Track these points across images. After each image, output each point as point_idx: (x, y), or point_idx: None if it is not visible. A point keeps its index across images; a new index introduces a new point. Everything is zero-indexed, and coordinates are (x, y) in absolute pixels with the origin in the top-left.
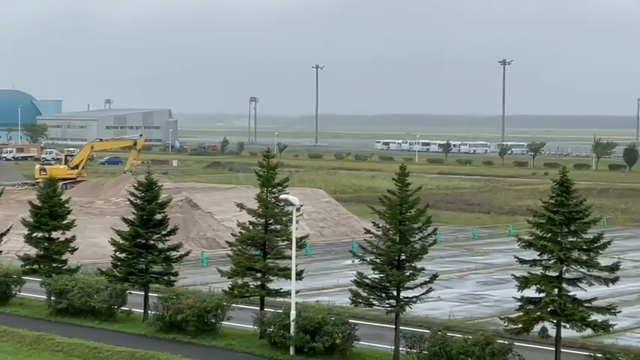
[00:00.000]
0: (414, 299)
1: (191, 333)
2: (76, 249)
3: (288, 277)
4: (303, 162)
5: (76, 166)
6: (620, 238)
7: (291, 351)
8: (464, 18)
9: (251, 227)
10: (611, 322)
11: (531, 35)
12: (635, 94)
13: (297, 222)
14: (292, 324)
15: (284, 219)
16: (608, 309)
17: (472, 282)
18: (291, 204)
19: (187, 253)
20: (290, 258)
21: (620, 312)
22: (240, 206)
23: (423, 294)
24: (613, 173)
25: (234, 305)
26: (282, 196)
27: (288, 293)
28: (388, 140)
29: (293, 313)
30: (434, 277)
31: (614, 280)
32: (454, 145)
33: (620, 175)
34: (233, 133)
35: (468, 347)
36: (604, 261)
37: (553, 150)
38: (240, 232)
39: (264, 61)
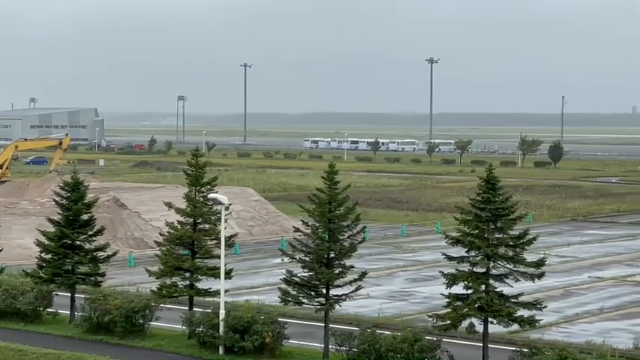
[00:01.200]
0: (344, 297)
1: (119, 334)
2: (0, 250)
3: (217, 276)
4: (232, 161)
5: (0, 166)
6: (545, 234)
7: (221, 350)
8: (394, 17)
9: (179, 227)
10: (537, 317)
11: (461, 34)
12: (560, 92)
13: (225, 221)
14: (221, 323)
15: (213, 218)
16: (534, 304)
17: (401, 279)
18: (220, 203)
19: (114, 254)
20: (219, 257)
21: (545, 307)
22: (169, 205)
23: (352, 292)
24: (538, 170)
25: (162, 305)
26: (211, 195)
27: (217, 293)
28: (317, 138)
29: (222, 313)
30: (363, 274)
31: (540, 276)
32: (382, 143)
33: (546, 172)
34: (161, 132)
35: (396, 344)
36: (530, 257)
37: (480, 148)
38: (168, 232)
39: (193, 60)
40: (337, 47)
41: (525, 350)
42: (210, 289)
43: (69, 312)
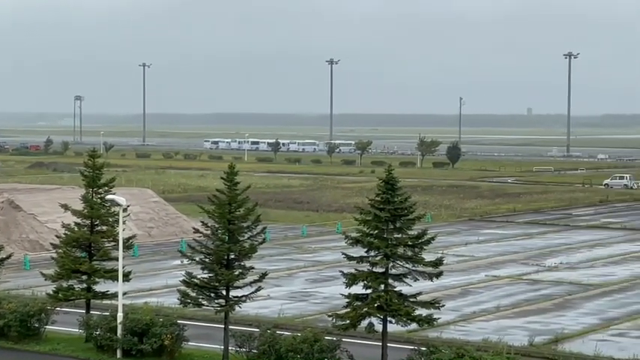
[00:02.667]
0: (244, 298)
1: (14, 338)
2: None
3: (115, 278)
4: (131, 161)
5: None
6: (443, 234)
7: (119, 354)
8: (299, 17)
9: (76, 229)
10: (435, 316)
11: (362, 36)
12: (459, 93)
13: (124, 222)
14: (119, 326)
15: (110, 220)
16: (433, 303)
17: (301, 280)
18: (118, 204)
19: (9, 257)
20: (117, 259)
21: (443, 306)
22: (65, 207)
23: (253, 293)
24: (437, 171)
25: (59, 309)
26: (109, 197)
27: (115, 295)
28: (217, 139)
29: (120, 316)
30: (263, 275)
31: (438, 275)
32: (283, 144)
33: (444, 173)
34: (57, 133)
35: (296, 345)
36: (428, 256)
37: (380, 148)
38: (64, 234)
39: (91, 59)
40: (242, 48)
41: (424, 349)
42: (107, 291)
43: None
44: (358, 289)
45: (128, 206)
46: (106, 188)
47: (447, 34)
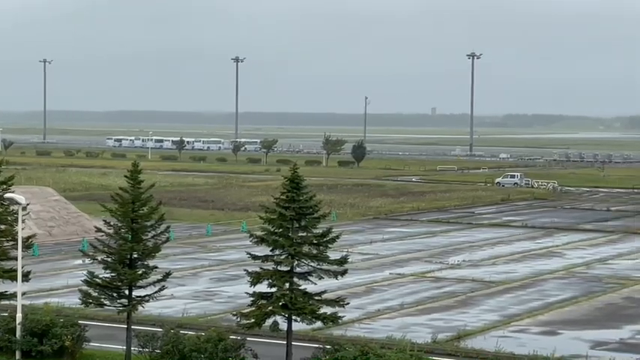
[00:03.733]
0: (147, 298)
1: None
2: None
3: (14, 278)
4: (31, 159)
5: None
6: (348, 232)
7: (18, 355)
8: (207, 16)
9: None
10: (339, 314)
11: (269, 35)
12: (365, 93)
13: (23, 221)
14: (18, 327)
15: (9, 218)
16: (337, 301)
17: (206, 279)
18: (17, 203)
19: None
20: (16, 259)
21: (348, 304)
22: None
23: (156, 292)
24: (342, 169)
25: None
26: (7, 195)
27: (14, 296)
28: (121, 137)
29: (19, 316)
30: (167, 275)
31: (343, 273)
32: (188, 142)
33: (349, 172)
34: None
35: (200, 344)
36: (333, 255)
37: (285, 147)
38: None
39: None
40: (150, 45)
41: (328, 347)
42: (6, 292)
43: None
44: (263, 287)
45: (28, 205)
46: (5, 186)
47: (353, 34)
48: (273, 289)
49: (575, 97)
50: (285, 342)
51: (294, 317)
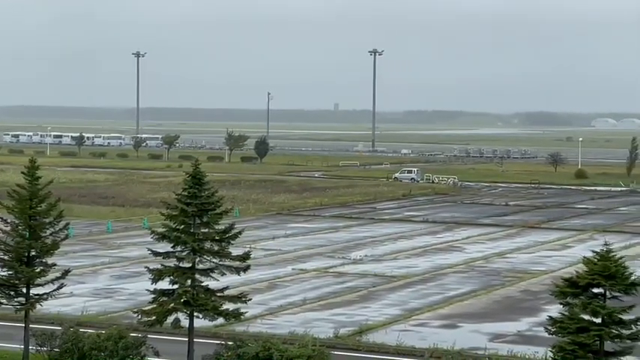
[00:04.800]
0: (45, 296)
1: None
2: None
3: None
4: None
5: None
6: (251, 228)
7: None
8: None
9: None
10: (242, 310)
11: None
12: (267, 89)
13: None
14: None
15: None
16: (240, 297)
17: (106, 276)
18: None
19: None
20: None
21: (250, 300)
22: None
23: (55, 290)
24: (245, 165)
25: None
26: None
27: None
28: (18, 132)
29: None
30: (66, 272)
31: (246, 269)
32: (88, 138)
33: (252, 167)
34: None
35: (100, 342)
36: (236, 251)
37: (188, 143)
38: None
39: None
40: (47, 41)
41: (230, 343)
42: None
43: None
44: (165, 284)
45: None
46: None
47: (257, 32)
48: (175, 286)
49: (474, 94)
50: (186, 339)
51: (196, 314)
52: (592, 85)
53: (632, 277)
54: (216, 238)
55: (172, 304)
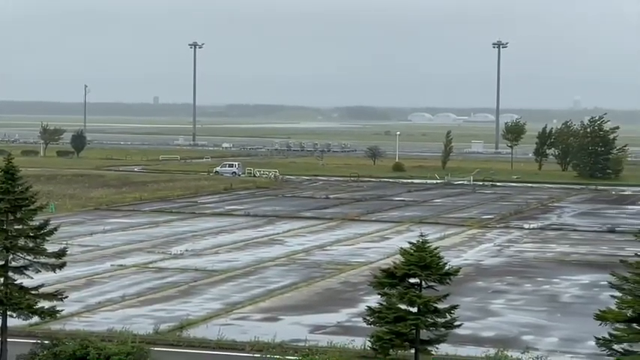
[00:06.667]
0: None
1: None
2: None
3: None
4: None
5: None
6: (68, 224)
7: None
8: None
9: None
10: (58, 308)
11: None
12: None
13: None
14: None
15: None
16: (55, 295)
17: None
18: None
19: None
20: None
21: (67, 297)
22: None
23: None
24: (61, 159)
25: None
26: None
27: None
28: None
29: None
30: None
31: (61, 266)
32: None
33: (69, 162)
34: None
35: None
36: (51, 247)
37: (0, 136)
38: None
39: None
40: None
41: (46, 342)
42: None
43: None
44: None
45: None
46: None
47: (74, 25)
48: None
49: (296, 88)
50: None
51: (9, 313)
52: (409, 81)
53: (447, 267)
54: (31, 234)
55: None
